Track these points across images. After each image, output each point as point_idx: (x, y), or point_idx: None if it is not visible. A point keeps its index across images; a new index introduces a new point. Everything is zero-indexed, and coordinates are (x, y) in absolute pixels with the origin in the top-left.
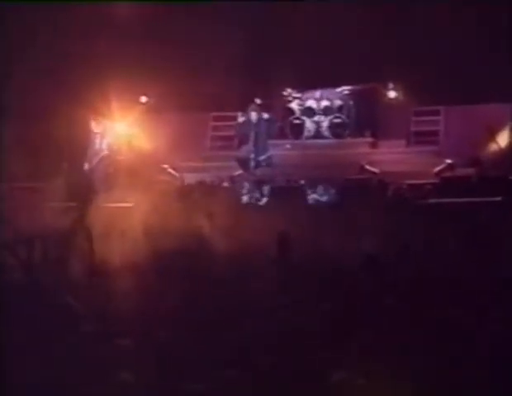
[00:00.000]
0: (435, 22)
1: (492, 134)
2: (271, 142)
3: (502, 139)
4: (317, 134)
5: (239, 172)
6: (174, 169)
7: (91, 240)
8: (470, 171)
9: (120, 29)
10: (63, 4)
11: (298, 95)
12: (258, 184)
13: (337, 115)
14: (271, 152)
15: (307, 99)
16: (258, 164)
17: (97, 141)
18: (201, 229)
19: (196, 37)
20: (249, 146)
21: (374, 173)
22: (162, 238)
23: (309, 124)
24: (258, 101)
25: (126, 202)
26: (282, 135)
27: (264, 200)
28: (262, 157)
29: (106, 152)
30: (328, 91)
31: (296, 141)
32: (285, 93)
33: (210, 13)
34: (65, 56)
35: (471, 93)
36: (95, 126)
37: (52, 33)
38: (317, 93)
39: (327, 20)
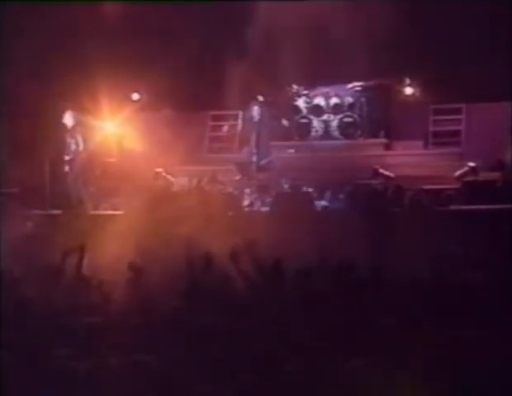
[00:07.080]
0: (455, 11)
1: None
2: (274, 143)
3: None
4: (326, 135)
5: (240, 176)
6: (169, 173)
7: (80, 251)
8: (495, 175)
9: (113, 21)
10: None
11: (305, 91)
12: (260, 190)
13: (348, 113)
14: (274, 154)
15: (315, 96)
16: (260, 168)
17: (81, 139)
18: (198, 241)
19: (193, 30)
20: (251, 148)
21: (389, 178)
22: (155, 249)
23: (317, 123)
24: (260, 98)
25: (116, 209)
26: (286, 136)
27: (267, 207)
28: (264, 161)
29: (90, 151)
30: (338, 88)
31: (303, 142)
32: (290, 89)
33: (208, 7)
34: (54, 51)
35: (497, 89)
36: (79, 123)
37: (41, 30)
38: (326, 90)
39: (337, 10)
